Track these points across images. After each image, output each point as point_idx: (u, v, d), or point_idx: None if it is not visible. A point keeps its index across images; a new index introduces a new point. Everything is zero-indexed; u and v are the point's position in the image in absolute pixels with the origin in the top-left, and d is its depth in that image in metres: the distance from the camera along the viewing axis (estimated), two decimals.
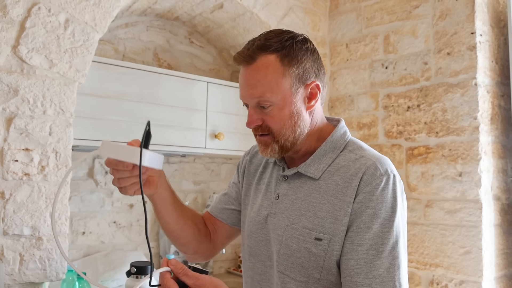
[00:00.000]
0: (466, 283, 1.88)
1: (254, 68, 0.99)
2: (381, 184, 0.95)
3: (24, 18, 1.43)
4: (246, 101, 1.03)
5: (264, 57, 0.99)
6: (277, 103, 1.00)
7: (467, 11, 1.95)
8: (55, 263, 1.45)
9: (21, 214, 1.41)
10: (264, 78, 0.98)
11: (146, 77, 1.91)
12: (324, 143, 1.05)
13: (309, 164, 1.05)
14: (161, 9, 2.20)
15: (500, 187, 1.98)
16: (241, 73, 1.03)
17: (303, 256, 0.99)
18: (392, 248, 0.93)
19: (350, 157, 1.03)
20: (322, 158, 1.04)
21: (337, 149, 1.05)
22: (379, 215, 0.94)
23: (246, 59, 1.00)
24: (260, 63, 0.99)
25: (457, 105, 1.96)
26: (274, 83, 0.99)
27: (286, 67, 0.99)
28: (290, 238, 1.01)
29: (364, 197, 0.95)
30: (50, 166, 1.47)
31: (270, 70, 0.99)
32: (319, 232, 0.97)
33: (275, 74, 0.99)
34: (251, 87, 1.00)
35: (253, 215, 1.12)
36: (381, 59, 2.26)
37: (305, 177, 1.05)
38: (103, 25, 1.59)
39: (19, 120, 1.42)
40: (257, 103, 1.00)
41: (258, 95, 0.99)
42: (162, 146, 1.94)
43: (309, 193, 1.03)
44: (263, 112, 1.01)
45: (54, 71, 1.48)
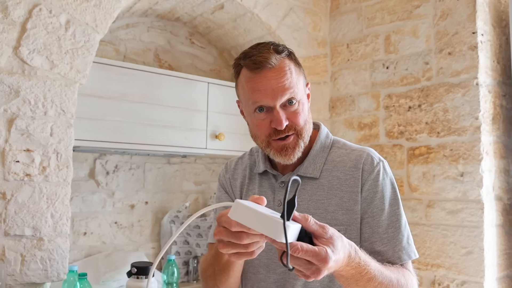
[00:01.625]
0: (468, 284, 1.88)
1: (279, 70, 1.05)
2: (381, 170, 1.08)
3: (25, 19, 1.43)
4: (274, 102, 1.04)
5: (283, 60, 1.06)
6: (300, 100, 1.07)
7: (468, 10, 1.95)
8: (56, 263, 1.46)
9: (22, 215, 1.41)
10: (291, 77, 1.05)
11: (147, 78, 1.91)
12: (315, 144, 1.14)
13: (306, 166, 1.12)
14: (162, 10, 2.21)
15: (502, 187, 1.98)
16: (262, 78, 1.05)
17: None
18: (404, 222, 1.08)
19: (342, 152, 1.13)
20: (316, 158, 1.13)
21: (326, 148, 1.15)
22: (386, 197, 1.07)
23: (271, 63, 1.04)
24: (282, 65, 1.06)
25: (458, 105, 1.96)
26: (297, 82, 1.07)
27: (298, 68, 1.10)
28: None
29: (371, 184, 1.07)
30: (51, 167, 1.47)
31: (292, 70, 1.06)
32: (334, 225, 1.01)
33: (296, 75, 1.07)
34: (281, 88, 1.04)
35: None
36: (382, 59, 2.25)
37: (305, 179, 1.10)
38: (104, 26, 1.60)
39: (20, 121, 1.42)
40: (288, 99, 1.05)
41: (289, 95, 1.04)
42: (163, 147, 1.95)
43: (313, 193, 1.09)
44: (287, 111, 1.06)
45: (55, 72, 1.48)
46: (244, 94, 1.09)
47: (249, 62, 1.05)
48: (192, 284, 2.19)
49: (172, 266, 1.84)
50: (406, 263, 1.06)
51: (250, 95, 1.06)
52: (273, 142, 1.07)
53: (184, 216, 2.27)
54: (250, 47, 1.10)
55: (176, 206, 2.33)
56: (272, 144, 1.08)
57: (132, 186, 2.22)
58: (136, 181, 2.23)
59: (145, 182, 2.27)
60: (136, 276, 1.47)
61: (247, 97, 1.08)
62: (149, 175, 2.28)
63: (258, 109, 1.06)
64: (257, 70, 1.04)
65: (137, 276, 1.47)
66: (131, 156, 2.22)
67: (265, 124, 1.06)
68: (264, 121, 1.06)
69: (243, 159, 1.27)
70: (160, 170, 2.32)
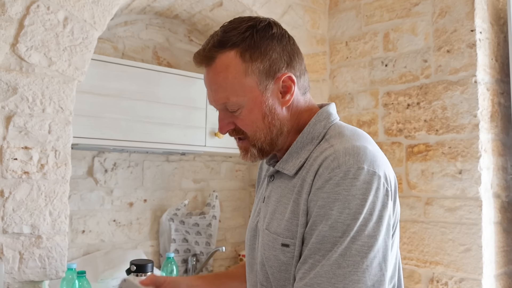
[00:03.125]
0: (466, 281, 1.88)
1: (213, 70, 0.88)
2: (335, 179, 0.78)
3: (22, 16, 1.43)
4: (213, 105, 0.92)
5: (223, 56, 0.86)
6: (246, 105, 0.88)
7: (467, 8, 1.95)
8: (55, 261, 1.45)
9: (21, 213, 1.41)
10: (225, 80, 0.87)
11: (145, 75, 1.91)
12: (300, 135, 0.92)
13: (285, 160, 0.92)
14: (160, 7, 2.20)
15: (500, 185, 1.98)
16: (204, 76, 0.92)
17: (273, 265, 0.87)
18: (340, 256, 0.76)
19: (323, 147, 0.87)
20: (300, 151, 0.91)
21: (315, 140, 0.90)
22: (329, 215, 0.78)
23: (204, 61, 0.89)
24: (219, 63, 0.87)
25: (457, 103, 1.96)
26: (238, 85, 0.87)
27: (248, 64, 0.86)
28: (264, 245, 0.91)
29: (315, 193, 0.81)
30: (50, 165, 1.46)
31: (230, 70, 0.86)
32: (286, 237, 0.85)
33: (237, 74, 0.86)
34: (214, 92, 0.89)
35: (250, 222, 1.04)
36: (380, 57, 2.25)
37: (283, 175, 0.93)
38: (102, 23, 1.59)
39: (18, 118, 1.41)
40: (224, 108, 0.90)
41: (222, 100, 0.89)
42: (161, 144, 1.94)
43: (283, 193, 0.91)
44: (232, 115, 0.90)
45: (53, 69, 1.48)
46: None
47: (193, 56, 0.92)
48: None
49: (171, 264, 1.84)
50: None
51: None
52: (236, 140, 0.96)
53: (183, 214, 2.27)
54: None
55: (175, 204, 2.33)
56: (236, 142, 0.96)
57: (131, 184, 2.22)
58: (134, 179, 2.23)
59: (144, 180, 2.26)
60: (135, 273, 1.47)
61: None
62: (147, 172, 2.27)
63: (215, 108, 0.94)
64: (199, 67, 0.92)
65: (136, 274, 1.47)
66: (130, 153, 2.21)
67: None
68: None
69: None
70: (159, 167, 2.31)
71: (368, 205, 0.77)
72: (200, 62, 0.90)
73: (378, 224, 0.78)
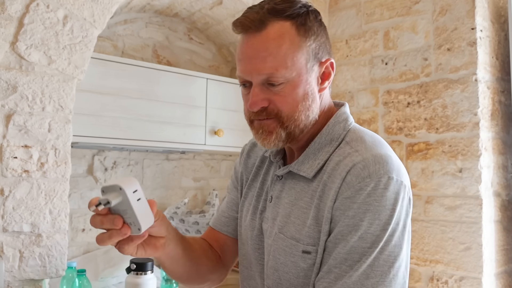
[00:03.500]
0: (466, 279, 1.88)
1: (264, 36, 0.81)
2: (366, 189, 0.77)
3: (22, 14, 1.42)
4: (250, 77, 0.84)
5: (277, 24, 0.81)
6: (291, 80, 0.82)
7: (467, 6, 1.95)
8: (55, 260, 1.45)
9: (21, 211, 1.41)
10: (279, 49, 0.81)
11: (145, 73, 1.91)
12: (319, 135, 0.89)
13: (302, 161, 0.88)
14: (160, 5, 2.20)
15: (500, 183, 1.98)
16: (244, 43, 0.84)
17: (290, 271, 0.84)
18: (369, 267, 0.76)
19: (345, 151, 0.85)
20: (317, 153, 0.87)
21: (334, 141, 0.87)
22: (359, 226, 0.77)
23: (255, 25, 0.81)
24: (272, 30, 0.81)
25: (457, 101, 1.96)
26: (290, 57, 0.81)
27: (302, 38, 0.83)
28: (277, 250, 0.86)
29: (342, 202, 0.79)
30: (50, 163, 1.46)
31: (285, 40, 0.81)
32: (307, 244, 0.82)
33: (291, 46, 0.82)
34: (260, 61, 0.81)
35: (249, 219, 0.98)
36: (381, 55, 2.25)
37: (299, 177, 0.89)
38: (102, 21, 1.59)
39: (18, 117, 1.41)
40: (266, 79, 0.82)
41: (269, 70, 0.81)
42: (161, 143, 1.94)
43: (300, 196, 0.87)
44: (271, 91, 0.83)
45: (53, 67, 1.48)
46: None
47: (234, 23, 0.84)
48: None
49: None
50: None
51: (237, 65, 0.86)
52: (255, 121, 0.87)
53: (183, 213, 2.27)
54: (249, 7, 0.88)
55: (174, 203, 2.33)
56: (253, 123, 0.88)
57: None
58: (134, 177, 2.23)
59: (144, 179, 2.26)
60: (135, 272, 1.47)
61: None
62: (147, 171, 2.27)
63: (243, 84, 0.87)
64: (242, 33, 0.84)
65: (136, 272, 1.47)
66: (130, 152, 2.21)
67: (246, 100, 0.87)
68: (246, 96, 0.87)
69: None
70: (159, 166, 2.31)
71: (396, 215, 0.77)
72: (247, 26, 0.82)
73: (403, 233, 0.79)
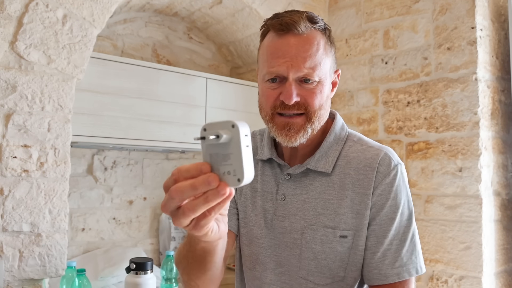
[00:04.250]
0: (466, 279, 1.88)
1: (306, 39, 0.93)
2: (397, 175, 0.96)
3: (21, 13, 1.42)
4: (288, 73, 0.92)
5: (314, 31, 0.94)
6: (320, 81, 0.94)
7: (467, 5, 1.94)
8: (55, 259, 1.45)
9: (20, 211, 1.40)
10: (317, 52, 0.93)
11: (145, 73, 1.90)
12: (328, 135, 1.01)
13: (317, 159, 0.99)
14: (160, 4, 2.19)
15: (500, 183, 1.98)
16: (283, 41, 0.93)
17: (328, 257, 0.96)
18: (412, 235, 0.96)
19: (357, 148, 1.00)
20: (328, 151, 1.00)
21: (340, 141, 1.02)
22: (398, 205, 0.95)
23: (299, 27, 0.92)
24: (311, 35, 0.93)
25: (457, 100, 1.96)
26: (323, 60, 0.94)
27: (329, 48, 0.97)
28: (312, 240, 0.96)
29: (384, 189, 0.95)
30: (49, 163, 1.46)
31: (321, 46, 0.94)
32: (343, 229, 0.95)
33: (324, 52, 0.95)
34: (301, 60, 0.91)
35: (256, 218, 1.04)
36: (381, 54, 2.25)
37: (314, 173, 0.99)
38: (101, 20, 1.59)
39: (17, 116, 1.41)
40: (302, 77, 0.92)
41: (308, 69, 0.92)
42: (161, 142, 1.94)
43: (322, 190, 0.98)
44: (303, 88, 0.93)
45: (52, 67, 1.47)
46: (262, 59, 0.97)
47: (276, 22, 0.94)
48: None
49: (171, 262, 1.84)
50: (404, 280, 0.94)
51: (267, 60, 0.94)
52: (277, 117, 0.95)
53: None
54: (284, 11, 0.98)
55: None
56: (275, 119, 0.95)
57: (131, 182, 2.22)
58: (134, 176, 2.23)
59: (144, 178, 2.26)
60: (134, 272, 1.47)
61: (263, 62, 0.96)
62: (147, 170, 2.27)
63: (271, 79, 0.94)
64: (281, 32, 0.93)
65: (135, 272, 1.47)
66: (129, 151, 2.21)
67: (273, 94, 0.94)
68: (274, 91, 0.94)
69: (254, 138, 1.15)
70: (159, 165, 2.31)
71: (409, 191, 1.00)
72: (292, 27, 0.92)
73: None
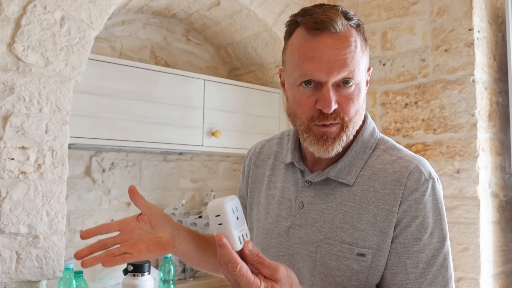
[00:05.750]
0: (464, 280, 1.88)
1: (344, 38, 0.83)
2: (427, 191, 0.86)
3: (19, 15, 1.42)
4: (328, 77, 0.83)
5: (350, 29, 0.85)
6: (359, 84, 0.86)
7: (465, 7, 1.95)
8: (52, 261, 1.45)
9: (18, 213, 1.40)
10: (355, 52, 0.84)
11: (143, 74, 1.91)
12: (355, 143, 0.92)
13: (340, 168, 0.91)
14: (158, 6, 2.20)
15: (498, 184, 1.98)
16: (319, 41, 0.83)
17: (343, 275, 0.88)
18: (443, 259, 0.86)
19: (386, 158, 0.91)
20: (353, 160, 0.91)
21: (368, 149, 0.92)
22: (428, 224, 0.86)
23: (336, 25, 0.82)
24: (348, 34, 0.84)
25: (454, 102, 1.96)
26: (361, 60, 0.86)
27: (365, 46, 0.88)
28: (327, 255, 0.89)
29: (410, 205, 0.86)
30: (47, 164, 1.46)
31: (358, 44, 0.85)
32: (361, 246, 0.86)
33: (361, 50, 0.86)
34: (341, 61, 0.82)
35: (270, 227, 0.99)
36: (378, 56, 2.25)
37: (335, 183, 0.92)
38: (99, 22, 1.59)
39: (15, 118, 1.41)
40: (341, 80, 0.84)
41: (347, 72, 0.83)
42: (159, 144, 1.94)
43: (342, 202, 0.90)
44: (340, 93, 0.84)
45: (50, 69, 1.47)
46: (293, 60, 0.87)
47: (309, 20, 0.83)
48: (189, 281, 2.19)
49: (168, 264, 1.84)
50: None
51: (300, 63, 0.84)
52: (314, 128, 0.86)
53: (181, 214, 2.27)
54: (313, 5, 0.88)
55: (172, 204, 2.33)
56: (312, 130, 0.87)
57: (129, 184, 2.22)
58: (132, 178, 2.23)
59: (142, 180, 2.26)
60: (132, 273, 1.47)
61: (295, 64, 0.86)
62: (145, 172, 2.27)
63: (304, 83, 0.85)
64: (316, 31, 0.83)
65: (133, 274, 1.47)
66: (127, 153, 2.21)
67: (309, 103, 0.85)
68: (309, 98, 0.85)
69: (271, 143, 1.09)
70: (157, 167, 2.31)
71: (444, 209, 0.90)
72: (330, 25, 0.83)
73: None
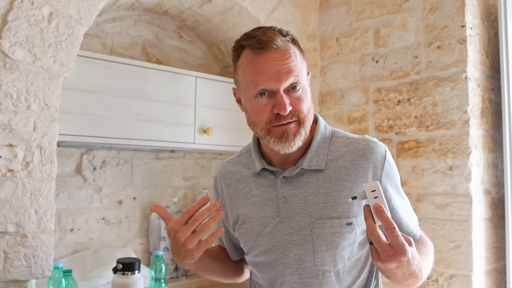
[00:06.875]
0: (457, 277, 1.88)
1: (284, 52, 1.01)
2: (388, 156, 1.09)
3: (6, 11, 1.40)
4: (278, 85, 1.00)
5: (288, 43, 1.03)
6: (304, 87, 1.03)
7: (457, 4, 1.94)
8: (41, 260, 1.43)
9: (5, 211, 1.38)
10: (296, 62, 1.02)
11: (134, 72, 1.89)
12: (315, 136, 1.10)
13: (310, 158, 1.07)
14: (149, 3, 2.17)
15: (490, 181, 1.98)
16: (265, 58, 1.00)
17: (340, 245, 1.04)
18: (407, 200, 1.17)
19: (346, 142, 1.10)
20: (318, 150, 1.09)
21: (326, 139, 1.11)
22: (397, 179, 1.12)
23: (277, 43, 1.00)
24: (287, 47, 1.02)
25: (447, 99, 1.96)
26: (302, 68, 1.04)
27: (301, 54, 1.06)
28: (322, 233, 1.04)
29: (386, 172, 1.07)
30: (35, 162, 1.44)
31: (297, 54, 1.03)
32: (347, 217, 1.03)
33: (301, 60, 1.05)
34: (286, 71, 1.00)
35: (259, 229, 1.11)
36: (371, 53, 2.24)
37: (309, 172, 1.07)
38: (88, 18, 1.57)
39: (2, 115, 1.39)
40: (292, 84, 1.01)
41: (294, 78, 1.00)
42: (151, 142, 1.92)
43: (320, 185, 1.06)
44: (291, 96, 1.01)
45: (38, 65, 1.45)
46: (245, 78, 1.03)
47: (252, 42, 1.00)
48: (181, 280, 2.18)
49: (160, 262, 1.83)
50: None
51: (252, 78, 1.01)
52: (274, 129, 1.02)
53: (173, 212, 2.25)
54: (252, 30, 1.05)
55: (164, 202, 2.31)
56: (272, 131, 1.02)
57: (120, 182, 2.20)
58: (123, 176, 2.21)
59: (133, 178, 2.24)
60: (122, 272, 1.46)
61: (248, 80, 1.02)
62: (137, 170, 2.25)
63: (259, 94, 1.01)
64: (261, 50, 1.00)
65: (123, 272, 1.46)
66: (119, 151, 2.19)
67: (266, 109, 1.01)
68: (265, 106, 1.01)
69: (232, 162, 1.23)
70: (148, 165, 2.29)
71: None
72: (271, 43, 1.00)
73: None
